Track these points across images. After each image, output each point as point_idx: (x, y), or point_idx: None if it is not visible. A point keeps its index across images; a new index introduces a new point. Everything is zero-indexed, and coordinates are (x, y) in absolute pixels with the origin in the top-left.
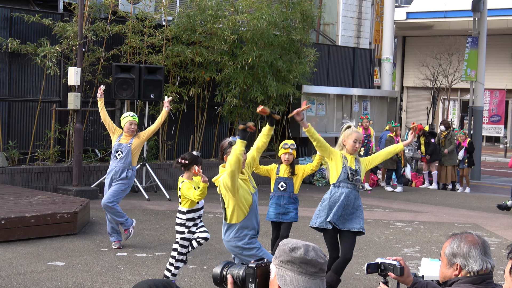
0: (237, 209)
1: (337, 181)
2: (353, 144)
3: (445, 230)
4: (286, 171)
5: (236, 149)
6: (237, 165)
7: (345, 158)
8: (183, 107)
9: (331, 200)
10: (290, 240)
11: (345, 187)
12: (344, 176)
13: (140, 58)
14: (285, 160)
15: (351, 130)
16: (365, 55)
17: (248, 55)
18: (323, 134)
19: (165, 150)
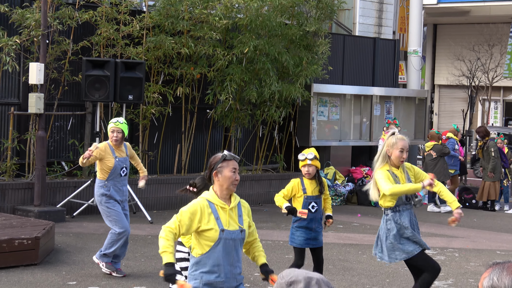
0: None
1: (395, 205)
2: (400, 155)
3: (485, 258)
4: (315, 188)
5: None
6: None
7: (394, 175)
8: (168, 110)
9: (399, 230)
10: (290, 272)
11: (405, 210)
12: (402, 197)
13: (115, 51)
14: (306, 174)
15: (396, 138)
16: (387, 47)
17: (245, 45)
18: (338, 143)
19: (146, 162)
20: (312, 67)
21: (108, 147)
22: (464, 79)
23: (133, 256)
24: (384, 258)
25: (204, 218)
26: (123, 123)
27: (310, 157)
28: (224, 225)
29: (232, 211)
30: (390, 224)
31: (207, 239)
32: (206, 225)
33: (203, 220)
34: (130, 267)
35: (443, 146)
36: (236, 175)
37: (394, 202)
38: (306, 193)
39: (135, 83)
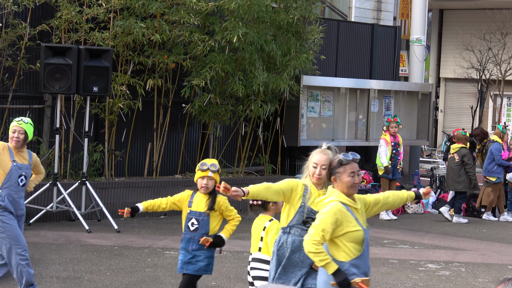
0: None
1: (287, 225)
2: (313, 170)
3: (495, 274)
4: (203, 203)
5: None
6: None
7: (306, 190)
8: (138, 104)
9: (279, 253)
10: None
11: (296, 235)
12: (298, 219)
13: (78, 36)
14: (203, 187)
15: (315, 151)
16: (387, 35)
17: (232, 33)
18: (330, 143)
19: (112, 163)
20: (302, 56)
21: (7, 148)
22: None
23: (97, 269)
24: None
25: (346, 219)
26: (28, 123)
27: (214, 169)
28: (363, 225)
29: (359, 211)
30: (275, 246)
31: (354, 241)
32: (352, 227)
33: (346, 222)
34: (94, 282)
35: (468, 152)
36: (355, 178)
37: (290, 217)
38: (190, 207)
39: (100, 73)
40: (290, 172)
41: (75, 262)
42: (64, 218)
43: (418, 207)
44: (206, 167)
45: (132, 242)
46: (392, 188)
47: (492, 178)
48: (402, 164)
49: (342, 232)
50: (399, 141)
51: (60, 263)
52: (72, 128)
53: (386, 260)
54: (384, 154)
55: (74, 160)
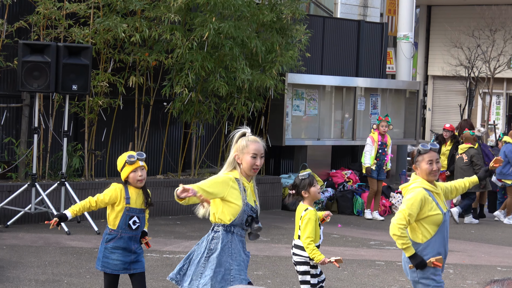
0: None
1: (231, 223)
2: (252, 162)
3: (484, 275)
4: (140, 200)
5: None
6: None
7: (241, 188)
8: (119, 102)
9: (222, 257)
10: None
11: (239, 235)
12: (242, 218)
13: (57, 33)
14: (139, 180)
15: (247, 140)
16: (374, 32)
17: (205, 28)
18: (316, 142)
19: (92, 163)
20: (287, 53)
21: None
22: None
23: (76, 272)
24: (181, 283)
25: (428, 204)
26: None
27: (142, 157)
28: (443, 209)
29: (440, 196)
30: (216, 244)
31: (434, 224)
32: (433, 211)
33: (427, 206)
34: (73, 285)
35: (477, 153)
36: (433, 165)
37: (233, 217)
38: (129, 204)
39: (80, 71)
40: (275, 172)
41: (54, 264)
42: (43, 219)
43: None
44: (134, 158)
45: None
46: (379, 188)
47: (508, 180)
48: (389, 165)
49: (423, 215)
50: (387, 142)
51: (38, 266)
52: (51, 127)
53: (373, 262)
54: (369, 153)
55: (53, 160)
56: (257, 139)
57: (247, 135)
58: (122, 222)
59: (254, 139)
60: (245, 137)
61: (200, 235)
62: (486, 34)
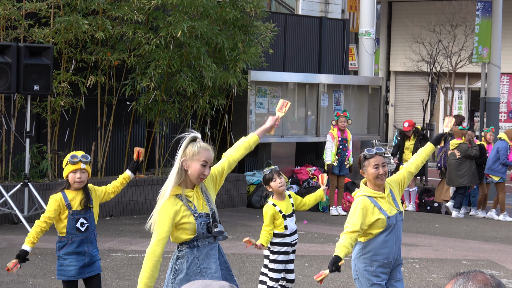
0: None
1: (193, 239)
2: (201, 170)
3: (449, 269)
4: (81, 200)
5: None
6: None
7: (188, 201)
8: (81, 102)
9: (189, 272)
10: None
11: (206, 245)
12: (202, 229)
13: (17, 33)
14: (76, 182)
15: (199, 146)
16: (336, 28)
17: (176, 28)
18: (280, 139)
19: (55, 164)
20: (250, 50)
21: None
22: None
23: (41, 273)
24: None
25: (369, 211)
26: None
27: (86, 160)
28: (387, 212)
29: (385, 198)
30: (181, 264)
31: (377, 227)
32: (375, 216)
33: (369, 215)
34: (38, 286)
35: (468, 146)
36: (379, 169)
37: (192, 234)
38: (71, 208)
39: (41, 71)
40: (240, 170)
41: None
42: (6, 221)
43: None
44: (77, 159)
45: None
46: (340, 184)
47: (495, 177)
48: (351, 160)
49: (368, 223)
50: (348, 137)
51: (2, 268)
52: (13, 128)
53: None
54: (330, 150)
55: (16, 161)
56: (208, 147)
57: (197, 141)
58: (69, 227)
59: (205, 146)
60: (195, 142)
61: None
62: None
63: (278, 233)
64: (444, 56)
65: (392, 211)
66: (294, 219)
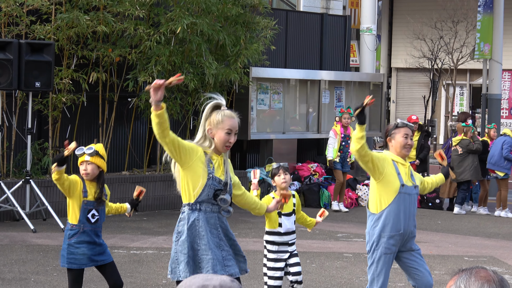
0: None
1: (196, 200)
2: (226, 138)
3: (451, 265)
4: (93, 192)
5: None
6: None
7: (209, 162)
8: (82, 99)
9: (190, 233)
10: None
11: (209, 211)
12: (209, 193)
13: (19, 30)
14: (83, 174)
15: (223, 114)
16: (337, 25)
17: (177, 24)
18: (281, 136)
19: None
20: (252, 46)
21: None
22: (425, 61)
23: (43, 269)
24: (168, 275)
25: (389, 167)
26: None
27: (90, 152)
28: (403, 179)
29: (406, 168)
30: (183, 225)
31: (390, 188)
32: (391, 175)
33: (388, 168)
34: (40, 283)
35: (470, 142)
36: (408, 139)
37: (197, 193)
38: (86, 197)
39: (43, 68)
40: (241, 166)
41: (21, 263)
42: (8, 218)
43: None
44: (81, 151)
45: None
46: (344, 180)
47: (500, 172)
48: (353, 157)
49: (382, 174)
50: (350, 134)
51: (5, 265)
52: (15, 125)
53: (341, 254)
54: (332, 146)
55: (18, 158)
56: (233, 114)
57: (222, 109)
58: (82, 216)
59: (230, 114)
60: (220, 110)
61: (167, 231)
62: (449, 26)
63: (271, 231)
64: (445, 53)
65: (408, 182)
66: (293, 219)
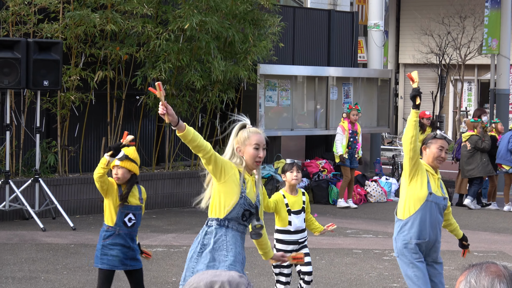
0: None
1: (225, 217)
2: (255, 153)
3: (461, 261)
4: (135, 196)
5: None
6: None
7: (243, 181)
8: (91, 97)
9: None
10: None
11: (235, 230)
12: (238, 212)
13: (27, 29)
14: (115, 178)
15: (249, 131)
16: (344, 21)
17: (185, 21)
18: (289, 133)
19: (66, 159)
20: (261, 43)
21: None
22: (433, 57)
23: (53, 268)
24: (180, 281)
25: (421, 172)
26: None
27: (119, 157)
28: (432, 188)
29: (435, 180)
30: (209, 239)
31: (417, 196)
32: (420, 182)
33: (421, 173)
34: (50, 281)
35: (479, 138)
36: (442, 153)
37: (227, 210)
38: (127, 202)
39: (51, 67)
40: None
41: (31, 261)
42: (17, 217)
43: (380, 195)
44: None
45: (89, 239)
46: (352, 176)
47: (507, 166)
48: (361, 153)
49: (413, 175)
50: (358, 130)
51: (15, 263)
52: (23, 124)
53: (350, 250)
54: (340, 142)
55: (27, 157)
56: (259, 130)
57: (247, 127)
58: (118, 219)
59: (255, 130)
60: (245, 128)
61: (176, 229)
62: (456, 21)
63: (281, 229)
64: (453, 48)
65: (438, 192)
66: (302, 217)
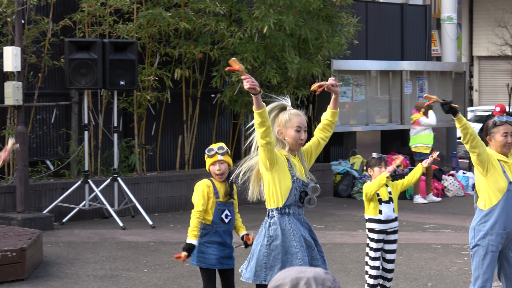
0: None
1: (284, 205)
2: (297, 135)
3: None
4: (226, 192)
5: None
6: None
7: (290, 164)
8: (167, 96)
9: (284, 242)
10: (280, 274)
11: (296, 213)
12: (296, 196)
13: (102, 30)
14: (217, 175)
15: (290, 113)
16: (417, 15)
17: (262, 22)
18: (364, 128)
19: (143, 158)
20: (334, 39)
21: None
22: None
23: (134, 266)
24: (247, 275)
25: (494, 164)
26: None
27: (222, 151)
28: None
29: (510, 166)
30: (275, 230)
31: (497, 188)
32: (497, 174)
33: (494, 167)
34: (131, 279)
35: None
36: (508, 138)
37: (285, 197)
38: (218, 198)
39: (126, 66)
40: (325, 159)
41: (111, 259)
42: (97, 215)
43: (458, 189)
44: (213, 151)
45: (168, 237)
46: (428, 172)
47: None
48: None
49: (489, 172)
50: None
51: (96, 262)
52: (101, 123)
53: (429, 245)
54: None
55: (105, 156)
56: (299, 112)
57: (288, 109)
58: (215, 217)
59: (296, 112)
60: (286, 111)
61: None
62: None
63: (372, 218)
64: None
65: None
66: (392, 207)
